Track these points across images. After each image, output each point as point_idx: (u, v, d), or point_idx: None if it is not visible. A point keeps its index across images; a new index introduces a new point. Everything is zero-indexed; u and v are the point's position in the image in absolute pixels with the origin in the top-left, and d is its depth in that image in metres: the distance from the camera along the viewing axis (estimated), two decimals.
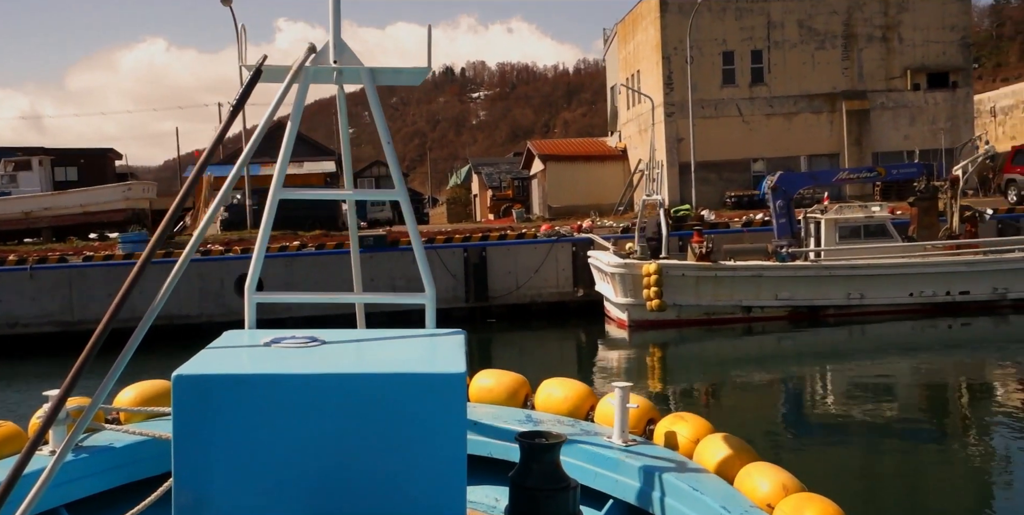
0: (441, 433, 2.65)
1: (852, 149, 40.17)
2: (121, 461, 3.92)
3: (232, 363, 2.85)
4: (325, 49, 3.56)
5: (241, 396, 2.61)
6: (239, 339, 3.18)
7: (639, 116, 44.42)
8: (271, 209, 3.49)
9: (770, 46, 40.65)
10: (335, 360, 2.87)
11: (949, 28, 41.04)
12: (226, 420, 2.61)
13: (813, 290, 22.05)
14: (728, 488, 3.50)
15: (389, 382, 2.65)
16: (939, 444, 12.52)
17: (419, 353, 3.06)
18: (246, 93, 3.43)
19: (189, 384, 2.61)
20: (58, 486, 3.51)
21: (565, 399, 4.42)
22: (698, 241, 22.85)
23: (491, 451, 4.15)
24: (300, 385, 2.63)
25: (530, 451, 3.30)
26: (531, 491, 3.26)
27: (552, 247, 26.22)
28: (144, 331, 2.94)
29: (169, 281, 3.08)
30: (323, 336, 3.14)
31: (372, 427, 2.64)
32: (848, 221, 22.73)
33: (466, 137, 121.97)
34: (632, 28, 45.07)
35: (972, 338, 21.14)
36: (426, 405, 2.64)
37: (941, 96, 40.98)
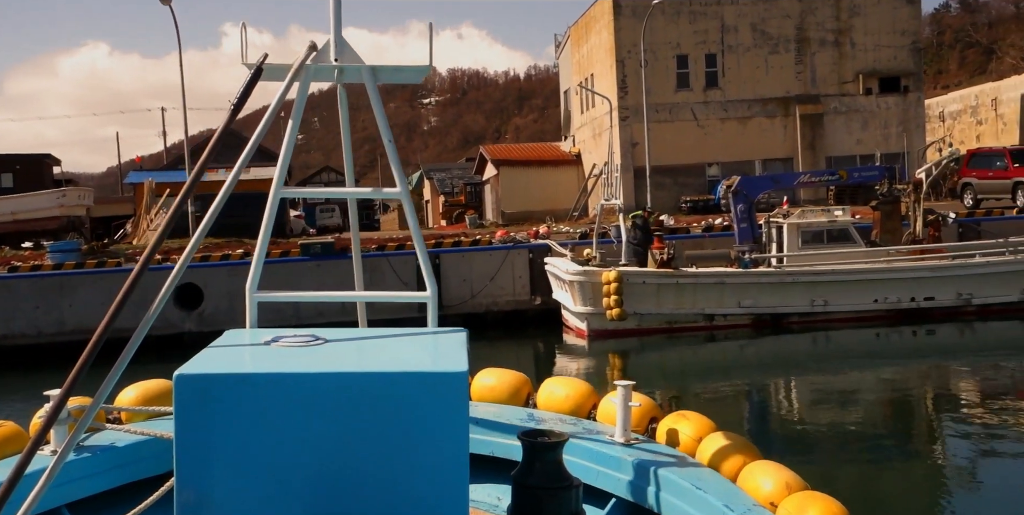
0: (443, 432, 2.63)
1: (806, 153, 39.79)
2: (122, 461, 3.89)
3: (233, 362, 2.83)
4: (326, 47, 3.52)
5: (243, 395, 2.60)
6: (240, 338, 3.13)
7: (593, 120, 43.66)
8: (272, 209, 3.45)
9: (724, 50, 40.14)
10: (337, 359, 2.84)
11: (900, 33, 40.89)
12: (228, 419, 2.59)
13: (776, 297, 21.30)
14: (731, 486, 3.46)
15: (391, 381, 2.64)
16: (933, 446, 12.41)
17: (421, 352, 3.05)
18: (247, 92, 3.37)
19: (191, 383, 2.59)
20: (59, 486, 3.45)
21: (567, 398, 4.39)
22: (659, 247, 22.00)
23: (493, 450, 4.11)
24: (301, 384, 2.62)
25: (532, 450, 3.30)
26: (533, 490, 3.26)
27: (508, 254, 25.21)
28: (144, 332, 2.89)
29: (166, 286, 3.03)
30: (324, 335, 3.09)
31: (374, 426, 2.62)
32: (811, 226, 22.03)
33: (417, 143, 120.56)
34: (585, 31, 44.32)
35: (938, 346, 20.55)
36: (428, 404, 2.62)
37: (893, 100, 40.79)
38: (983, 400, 15.38)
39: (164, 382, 4.27)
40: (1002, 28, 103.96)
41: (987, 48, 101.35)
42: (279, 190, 3.48)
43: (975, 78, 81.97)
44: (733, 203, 22.69)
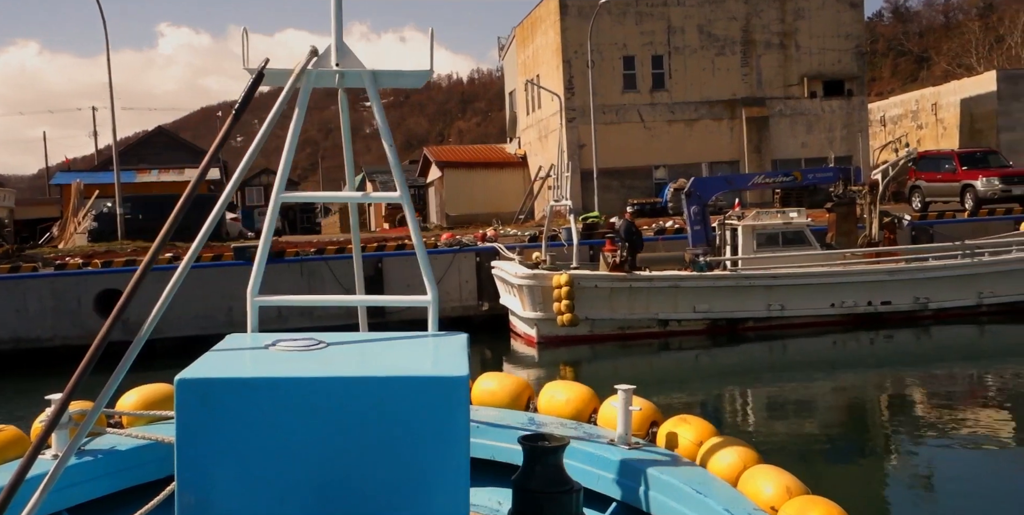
0: (444, 436, 2.60)
1: (752, 156, 39.24)
2: (124, 465, 3.85)
3: (235, 367, 2.81)
4: (327, 52, 3.48)
5: (244, 399, 2.57)
6: (241, 342, 3.10)
7: (539, 122, 42.67)
8: (273, 212, 3.45)
9: (671, 51, 39.43)
10: (337, 363, 2.81)
11: (844, 36, 40.61)
12: (229, 423, 2.56)
13: (732, 301, 20.42)
14: (732, 491, 3.43)
15: (392, 385, 2.61)
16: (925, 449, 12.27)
17: (422, 356, 3.04)
18: (248, 96, 3.37)
19: (192, 388, 2.57)
20: (61, 490, 3.41)
21: (568, 402, 4.35)
22: (611, 250, 21.01)
23: (494, 454, 4.08)
24: (303, 388, 2.59)
25: (533, 454, 3.32)
26: (534, 494, 3.26)
27: (454, 257, 24.02)
28: (146, 337, 2.90)
29: (169, 288, 3.05)
30: (325, 339, 3.07)
31: (375, 430, 2.60)
32: (766, 228, 21.22)
33: (360, 146, 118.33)
34: (531, 31, 43.32)
35: (897, 352, 19.84)
36: (429, 408, 2.60)
37: (837, 104, 40.49)
38: (963, 406, 14.67)
39: (165, 386, 4.21)
40: (932, 37, 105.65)
41: (919, 56, 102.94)
42: (280, 194, 3.40)
43: (907, 85, 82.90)
44: (686, 205, 21.81)
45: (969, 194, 27.84)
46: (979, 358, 18.76)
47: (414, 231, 3.62)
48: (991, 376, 17.11)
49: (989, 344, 20.33)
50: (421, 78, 3.80)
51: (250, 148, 3.41)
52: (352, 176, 4.22)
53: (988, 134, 42.14)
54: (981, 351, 19.54)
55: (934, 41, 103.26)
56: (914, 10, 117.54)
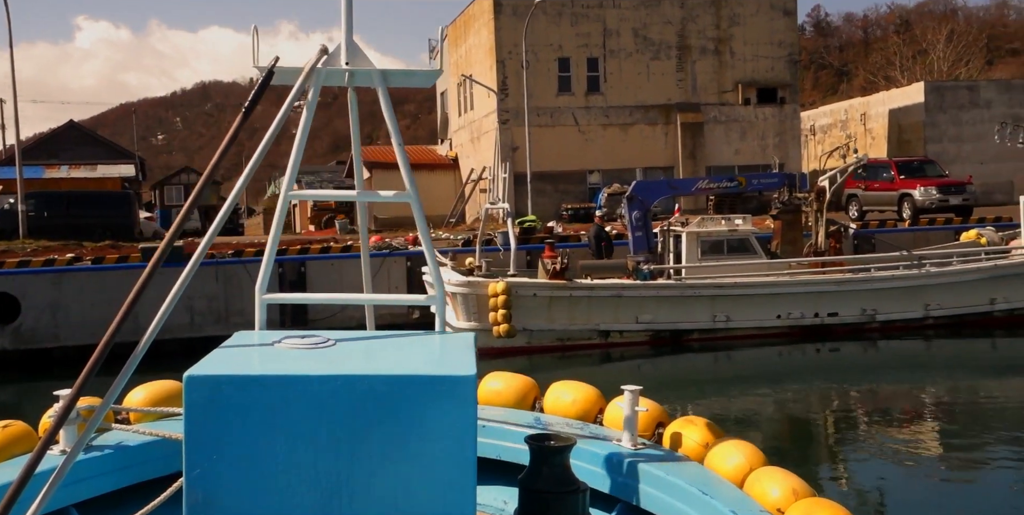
0: (451, 435, 2.58)
1: (687, 162, 38.43)
2: (131, 461, 3.83)
3: (243, 364, 2.79)
4: (337, 51, 3.45)
5: (252, 396, 2.56)
6: (250, 339, 3.08)
7: (471, 123, 41.25)
8: (282, 209, 3.42)
9: (606, 54, 38.40)
10: (346, 361, 2.80)
11: (777, 44, 40.14)
12: (237, 420, 2.55)
13: (676, 312, 19.26)
14: (738, 492, 3.41)
15: (400, 384, 2.60)
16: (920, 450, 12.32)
17: (430, 355, 3.02)
18: (258, 94, 3.37)
19: (200, 384, 2.56)
20: (68, 486, 3.36)
21: (574, 402, 4.30)
22: (550, 256, 19.67)
23: (500, 453, 4.04)
24: (311, 386, 2.57)
25: (539, 454, 3.31)
26: (540, 494, 3.25)
27: (383, 262, 22.40)
28: (155, 334, 2.90)
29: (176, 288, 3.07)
30: (334, 337, 3.06)
31: (382, 428, 2.58)
32: (711, 235, 20.11)
33: (286, 146, 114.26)
34: (464, 30, 41.88)
35: (846, 366, 18.93)
36: (436, 407, 2.57)
37: (770, 111, 39.98)
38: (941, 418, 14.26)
39: (173, 383, 4.17)
40: (852, 51, 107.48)
41: (838, 70, 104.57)
42: (289, 192, 3.39)
43: (828, 98, 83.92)
44: (627, 210, 20.62)
45: (907, 203, 27.30)
46: (934, 371, 17.97)
47: (422, 231, 3.56)
48: (960, 389, 16.27)
49: (939, 358, 19.57)
50: (431, 77, 3.76)
51: (259, 148, 3.35)
52: (360, 175, 4.10)
53: (916, 145, 42.13)
54: (931, 364, 18.74)
55: (853, 55, 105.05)
56: (835, 25, 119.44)
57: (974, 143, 42.27)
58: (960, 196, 27.35)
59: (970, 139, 42.29)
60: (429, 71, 3.71)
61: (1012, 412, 14.79)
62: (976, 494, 10.44)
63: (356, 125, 3.99)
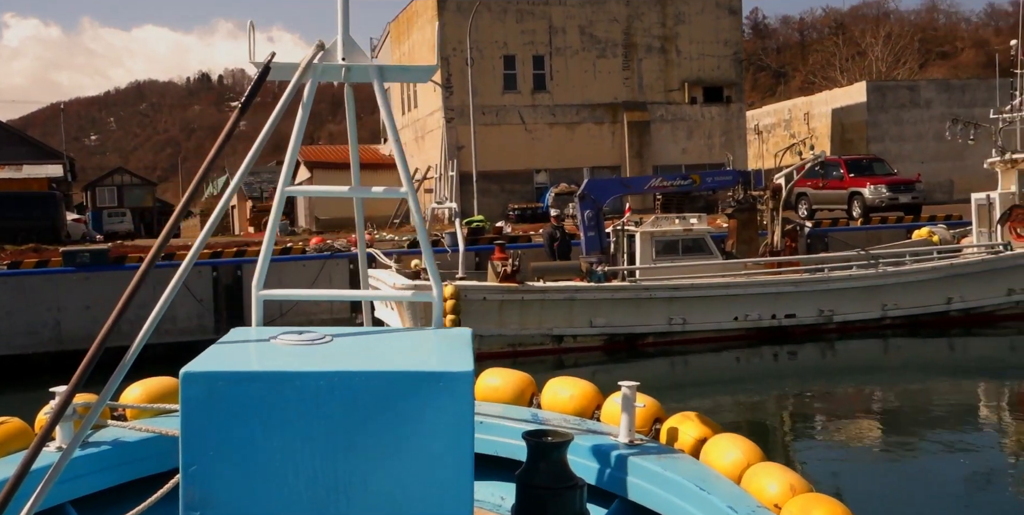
0: (448, 431, 2.57)
1: (634, 161, 37.80)
2: (128, 458, 3.82)
3: (240, 360, 2.78)
4: (334, 46, 3.42)
5: (249, 393, 2.54)
6: (246, 336, 3.05)
7: (415, 122, 40.14)
8: (278, 206, 3.40)
9: (552, 52, 37.61)
10: (343, 358, 2.78)
11: (723, 43, 39.75)
12: (234, 417, 2.53)
13: (632, 315, 18.43)
14: (735, 488, 3.39)
15: (397, 380, 2.58)
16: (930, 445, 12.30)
17: (427, 351, 2.98)
18: (254, 90, 3.38)
19: (197, 381, 2.54)
20: (64, 482, 3.32)
21: (572, 398, 4.27)
22: (500, 258, 18.69)
23: (498, 450, 4.01)
24: (308, 383, 2.54)
25: (537, 450, 3.31)
26: (538, 489, 3.27)
27: (325, 264, 21.24)
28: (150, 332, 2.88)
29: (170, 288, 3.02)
30: (331, 334, 3.01)
31: (379, 425, 2.55)
32: (665, 235, 19.34)
33: (226, 147, 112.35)
34: (407, 27, 40.77)
35: (808, 369, 18.31)
36: (434, 403, 2.56)
37: (716, 110, 39.57)
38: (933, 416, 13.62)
39: (170, 379, 4.10)
40: (789, 53, 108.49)
41: (776, 72, 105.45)
42: (285, 188, 3.36)
43: (766, 99, 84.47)
44: (580, 209, 19.80)
45: (857, 202, 26.92)
46: (899, 372, 17.43)
47: (419, 228, 3.59)
48: (929, 389, 15.72)
49: (897, 359, 19.06)
50: (427, 73, 3.77)
51: (253, 146, 3.28)
52: (357, 172, 4.00)
53: (858, 144, 42.11)
54: (893, 365, 18.20)
55: (791, 57, 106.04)
56: (772, 27, 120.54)
57: (915, 142, 42.42)
58: (909, 194, 27.07)
59: (911, 138, 42.43)
60: (426, 67, 3.69)
61: (988, 410, 14.56)
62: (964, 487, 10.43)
63: (353, 121, 3.94)
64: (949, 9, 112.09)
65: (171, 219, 3.23)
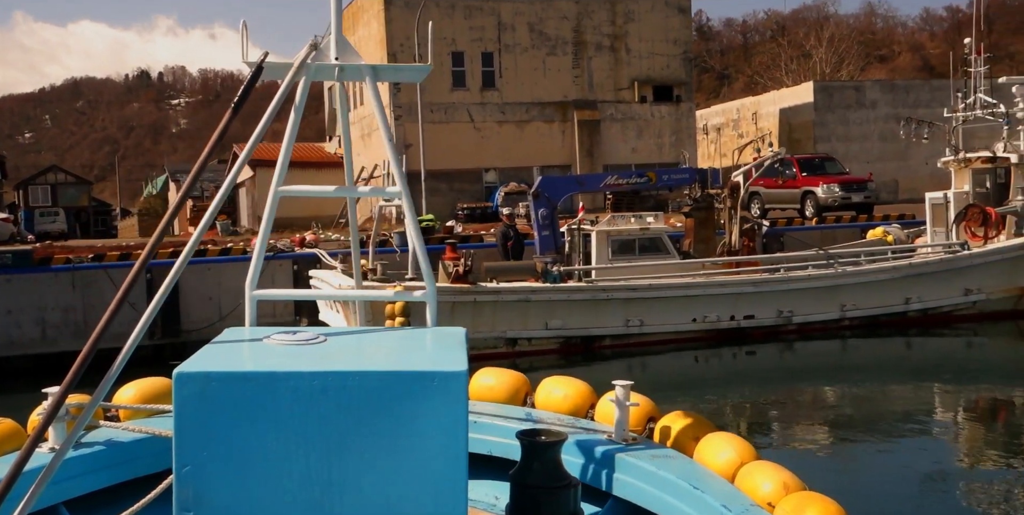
0: (442, 431, 2.55)
1: (584, 161, 37.20)
2: (121, 458, 3.81)
3: (233, 360, 2.76)
4: (327, 46, 3.44)
5: (242, 393, 2.52)
6: (240, 336, 3.05)
7: (362, 119, 39.05)
8: (272, 206, 3.37)
9: (501, 49, 36.85)
10: (336, 358, 2.76)
11: (672, 42, 39.36)
12: (227, 417, 2.51)
13: (588, 317, 17.73)
14: (729, 486, 3.39)
15: (390, 380, 2.56)
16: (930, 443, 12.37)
17: (420, 351, 2.97)
18: (247, 90, 3.36)
19: (190, 381, 2.52)
20: (57, 483, 3.33)
21: (566, 397, 4.24)
22: (452, 258, 17.86)
23: (492, 449, 4.02)
24: (301, 382, 2.53)
25: (531, 449, 3.31)
26: (532, 489, 3.27)
27: (267, 265, 20.14)
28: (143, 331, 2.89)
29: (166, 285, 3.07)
30: (324, 334, 3.00)
31: (373, 425, 2.54)
32: (621, 234, 18.68)
33: (165, 146, 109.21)
34: (352, 22, 39.64)
35: (764, 369, 17.78)
36: (427, 403, 2.55)
37: (666, 110, 39.16)
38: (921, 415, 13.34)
39: (163, 380, 4.08)
40: (732, 55, 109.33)
41: (720, 73, 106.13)
42: (279, 188, 3.36)
43: (710, 100, 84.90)
44: (533, 207, 19.05)
45: (810, 201, 26.59)
46: (865, 373, 16.96)
47: (413, 226, 3.48)
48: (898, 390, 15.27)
49: (857, 359, 18.62)
50: (421, 73, 3.79)
51: (247, 145, 3.35)
52: (351, 171, 4.07)
53: (806, 144, 42.06)
54: (858, 366, 17.73)
55: (734, 59, 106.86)
56: (716, 30, 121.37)
57: (861, 142, 42.52)
58: (862, 193, 26.83)
59: (857, 138, 42.52)
60: (419, 66, 3.70)
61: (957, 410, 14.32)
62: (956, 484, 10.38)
63: (346, 120, 3.95)
64: (887, 14, 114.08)
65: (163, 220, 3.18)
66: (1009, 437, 12.72)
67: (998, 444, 12.34)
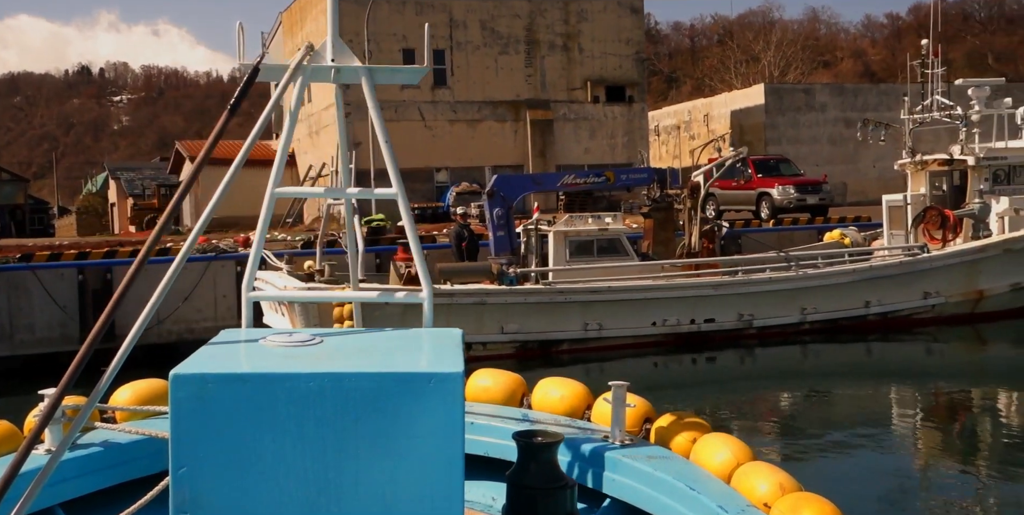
0: (439, 432, 2.56)
1: (537, 161, 36.54)
2: (117, 460, 3.79)
3: (230, 362, 2.74)
4: (323, 48, 3.44)
5: (238, 394, 2.51)
6: (236, 337, 3.03)
7: (309, 117, 37.95)
8: (268, 207, 3.36)
9: (453, 46, 36.04)
10: (333, 359, 2.75)
11: (625, 42, 38.92)
12: (223, 419, 2.50)
13: (546, 320, 17.03)
14: (725, 487, 3.39)
15: (387, 381, 2.56)
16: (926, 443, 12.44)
17: (417, 352, 2.96)
18: (243, 91, 3.39)
19: (186, 382, 2.51)
20: (54, 485, 3.31)
21: (562, 398, 4.22)
22: (403, 259, 17.06)
23: (488, 450, 4.00)
24: (297, 384, 2.52)
25: (527, 450, 3.32)
26: (528, 490, 3.28)
27: (209, 266, 19.12)
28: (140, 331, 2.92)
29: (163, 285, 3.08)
30: (320, 335, 3.00)
31: (370, 426, 2.53)
32: (580, 234, 18.01)
33: (106, 143, 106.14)
34: (300, 17, 38.54)
35: (726, 374, 17.25)
36: (424, 404, 2.54)
37: (619, 110, 38.68)
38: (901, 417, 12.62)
39: (159, 382, 4.03)
40: (680, 59, 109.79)
41: (668, 76, 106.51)
42: (275, 189, 3.35)
43: (658, 103, 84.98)
44: (488, 207, 18.30)
45: (765, 203, 26.23)
46: (830, 378, 16.52)
47: (409, 227, 3.51)
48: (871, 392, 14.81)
49: (817, 364, 18.19)
50: (417, 74, 3.76)
51: (245, 144, 3.34)
52: (347, 172, 4.00)
53: (757, 146, 41.89)
54: (822, 371, 17.30)
55: (681, 62, 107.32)
56: (664, 33, 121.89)
57: (810, 145, 42.52)
58: (817, 195, 26.56)
59: (807, 141, 42.51)
60: (416, 68, 3.70)
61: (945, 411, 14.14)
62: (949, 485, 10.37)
63: (343, 123, 3.97)
64: (829, 20, 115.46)
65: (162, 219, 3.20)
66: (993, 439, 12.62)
67: (974, 446, 12.23)
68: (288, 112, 3.43)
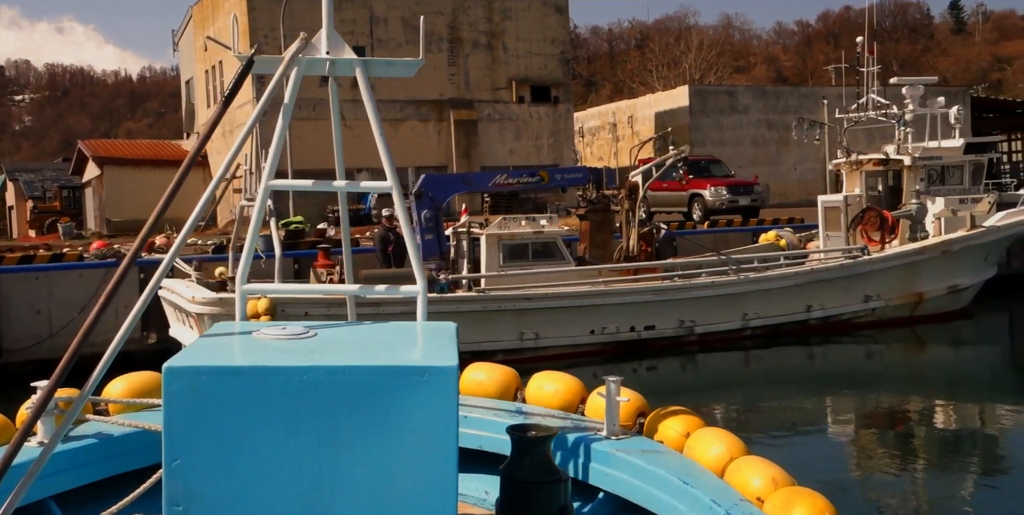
0: (433, 426, 2.53)
1: (461, 162, 35.29)
2: (110, 453, 3.77)
3: (223, 355, 2.74)
4: (318, 40, 3.43)
5: (232, 388, 2.49)
6: (230, 330, 3.02)
7: (224, 115, 36.00)
8: (262, 200, 3.35)
9: (374, 43, 34.56)
10: (327, 352, 2.73)
11: (550, 41, 37.99)
12: (217, 411, 2.48)
13: (479, 330, 15.81)
14: (718, 481, 3.37)
15: (381, 374, 2.53)
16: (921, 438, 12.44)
17: (411, 346, 2.95)
18: (238, 83, 3.35)
19: (180, 375, 2.49)
20: (46, 477, 3.28)
21: (556, 393, 4.24)
22: (325, 265, 15.69)
23: (482, 444, 3.98)
24: (291, 377, 2.50)
25: (521, 444, 3.31)
26: (522, 483, 3.26)
27: (109, 274, 17.34)
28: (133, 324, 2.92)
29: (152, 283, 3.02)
30: (315, 328, 2.99)
31: (364, 419, 2.51)
32: (514, 237, 16.87)
33: (7, 144, 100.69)
34: (212, 12, 36.56)
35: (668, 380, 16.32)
36: (418, 398, 2.52)
37: (544, 111, 37.71)
38: None
39: (152, 374, 4.05)
40: (599, 63, 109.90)
41: (587, 80, 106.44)
42: (270, 182, 3.37)
43: (579, 106, 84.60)
44: (416, 209, 17.00)
45: (697, 204, 25.53)
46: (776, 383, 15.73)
47: (404, 223, 3.51)
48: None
49: (759, 369, 17.42)
50: (412, 67, 3.74)
51: (238, 138, 3.29)
52: (342, 166, 4.05)
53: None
54: (770, 376, 16.51)
55: (600, 67, 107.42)
56: (583, 37, 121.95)
57: (734, 147, 42.25)
58: (749, 196, 26.01)
59: (730, 143, 42.23)
60: (410, 61, 3.65)
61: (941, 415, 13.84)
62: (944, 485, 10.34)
63: (337, 115, 4.03)
64: (743, 26, 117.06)
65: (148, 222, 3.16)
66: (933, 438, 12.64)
67: (911, 445, 12.29)
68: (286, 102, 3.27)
